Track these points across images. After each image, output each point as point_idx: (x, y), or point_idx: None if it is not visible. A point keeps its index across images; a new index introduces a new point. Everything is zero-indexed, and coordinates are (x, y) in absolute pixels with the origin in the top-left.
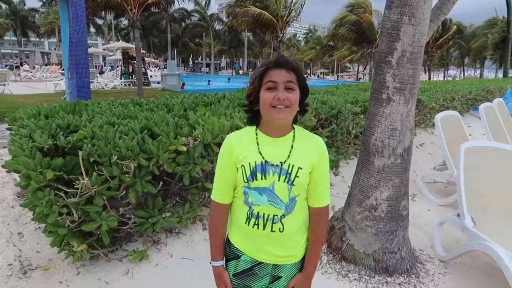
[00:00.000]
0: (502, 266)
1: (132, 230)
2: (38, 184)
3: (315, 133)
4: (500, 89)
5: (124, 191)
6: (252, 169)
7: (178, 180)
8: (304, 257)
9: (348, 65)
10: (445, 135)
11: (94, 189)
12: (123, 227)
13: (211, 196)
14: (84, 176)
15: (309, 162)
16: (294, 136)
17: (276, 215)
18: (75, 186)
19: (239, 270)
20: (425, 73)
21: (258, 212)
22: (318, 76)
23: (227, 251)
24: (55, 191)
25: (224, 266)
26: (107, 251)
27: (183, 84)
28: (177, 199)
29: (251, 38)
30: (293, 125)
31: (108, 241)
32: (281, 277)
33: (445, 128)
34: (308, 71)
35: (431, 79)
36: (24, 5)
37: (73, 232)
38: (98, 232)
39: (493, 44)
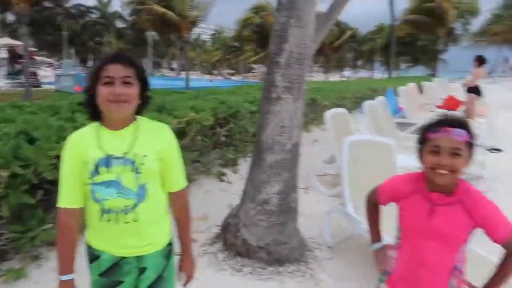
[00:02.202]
0: None
1: (6, 246)
2: None
3: (213, 133)
4: (384, 89)
5: None
6: (95, 164)
7: None
8: (169, 244)
9: (253, 65)
10: (334, 130)
11: None
12: None
13: (58, 204)
14: None
15: (155, 149)
16: (137, 126)
17: (128, 206)
18: None
19: (103, 270)
20: (323, 74)
21: (109, 207)
22: (224, 76)
23: (88, 254)
24: None
25: (71, 278)
26: None
27: (79, 85)
28: None
29: (156, 37)
30: (136, 116)
31: None
32: (147, 268)
33: (334, 124)
34: (215, 72)
35: (329, 80)
36: None
37: None
38: None
39: (380, 48)
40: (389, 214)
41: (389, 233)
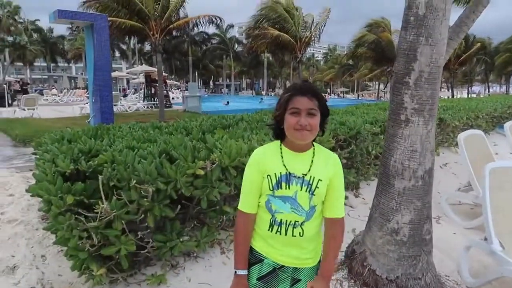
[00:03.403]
0: None
1: (150, 254)
2: (59, 209)
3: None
4: None
5: (143, 215)
6: (277, 178)
7: (196, 203)
8: (319, 261)
9: (368, 83)
10: (469, 155)
11: (113, 213)
12: (142, 251)
13: (239, 207)
14: (104, 200)
15: (326, 175)
16: (313, 152)
17: (297, 221)
18: (95, 210)
19: (263, 274)
20: (448, 90)
21: (281, 220)
22: (338, 95)
23: (249, 257)
24: (76, 215)
25: (247, 273)
26: (126, 275)
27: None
28: (195, 222)
29: (270, 59)
30: (313, 142)
31: (127, 265)
32: (301, 280)
33: (469, 148)
34: (328, 90)
35: (455, 97)
36: (52, 32)
37: (93, 256)
38: (117, 256)
39: None
40: None
41: None
